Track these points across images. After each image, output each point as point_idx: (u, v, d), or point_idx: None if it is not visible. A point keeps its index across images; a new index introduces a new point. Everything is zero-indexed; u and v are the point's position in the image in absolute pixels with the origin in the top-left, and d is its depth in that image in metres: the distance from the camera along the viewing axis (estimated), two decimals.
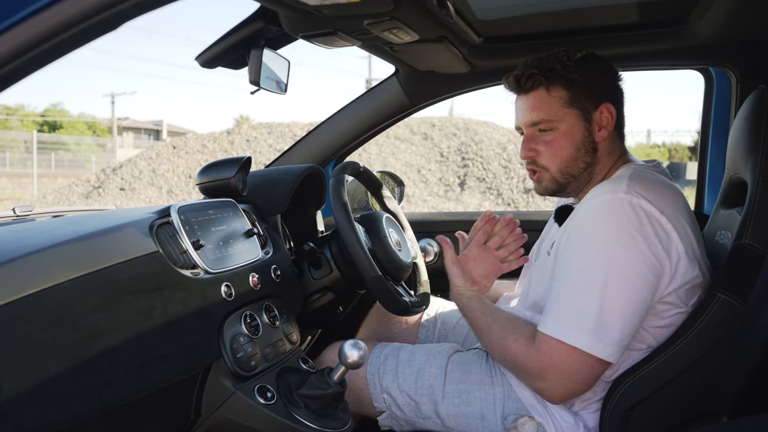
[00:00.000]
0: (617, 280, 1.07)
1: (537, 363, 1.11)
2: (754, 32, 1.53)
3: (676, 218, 1.11)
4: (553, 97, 1.19)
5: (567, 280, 1.11)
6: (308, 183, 1.59)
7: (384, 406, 1.34)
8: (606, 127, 1.21)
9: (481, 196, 10.99)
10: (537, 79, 1.19)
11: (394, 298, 1.40)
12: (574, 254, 1.12)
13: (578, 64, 1.20)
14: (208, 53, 1.38)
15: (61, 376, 0.83)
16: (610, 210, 1.09)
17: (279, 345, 1.23)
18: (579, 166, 1.22)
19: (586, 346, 1.06)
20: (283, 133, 12.50)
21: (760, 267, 1.11)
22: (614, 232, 1.08)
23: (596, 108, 1.20)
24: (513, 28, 1.61)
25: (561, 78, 1.19)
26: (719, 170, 1.68)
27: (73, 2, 0.63)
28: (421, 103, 1.90)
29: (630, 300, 1.07)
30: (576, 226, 1.14)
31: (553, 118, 1.19)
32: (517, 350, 1.15)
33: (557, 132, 1.20)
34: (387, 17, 1.21)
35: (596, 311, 1.06)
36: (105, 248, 0.95)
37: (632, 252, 1.07)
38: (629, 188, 1.10)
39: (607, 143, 1.23)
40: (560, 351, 1.08)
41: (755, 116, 1.20)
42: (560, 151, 1.20)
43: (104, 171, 12.77)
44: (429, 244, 1.98)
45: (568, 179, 1.23)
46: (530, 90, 1.21)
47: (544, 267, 1.26)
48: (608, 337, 1.06)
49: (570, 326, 1.08)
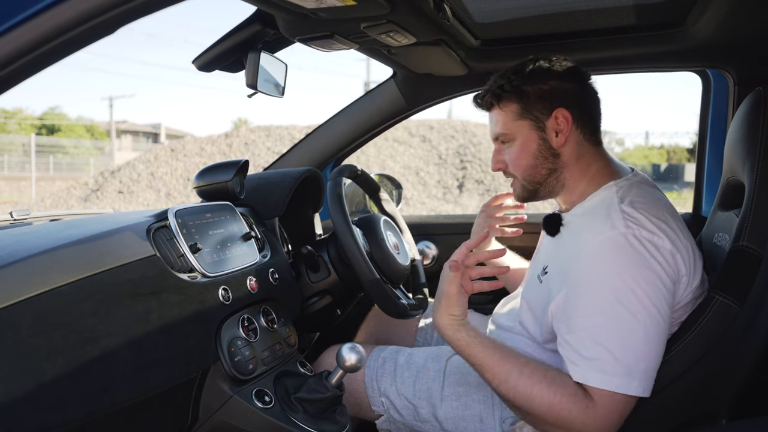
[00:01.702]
0: (649, 318, 1.05)
1: (600, 420, 1.05)
2: (750, 34, 1.53)
3: (675, 239, 1.11)
4: (505, 112, 1.24)
5: (603, 329, 1.06)
6: (306, 186, 1.59)
7: (382, 410, 1.34)
8: (563, 132, 1.21)
9: (479, 199, 11.00)
10: (489, 98, 1.26)
11: (392, 301, 1.40)
12: (592, 301, 1.08)
13: (529, 75, 1.23)
14: (205, 57, 1.38)
15: (58, 380, 0.82)
16: (615, 250, 1.07)
17: (277, 348, 1.23)
18: (541, 173, 1.24)
19: (642, 391, 1.05)
20: (281, 136, 12.51)
21: (757, 269, 1.11)
22: (628, 273, 1.06)
23: (550, 115, 1.21)
24: (510, 31, 1.61)
25: (510, 93, 1.23)
26: (717, 172, 1.68)
27: (70, 6, 0.63)
28: (419, 106, 1.90)
29: (658, 330, 1.07)
30: (585, 272, 1.10)
31: (508, 131, 1.25)
32: (572, 405, 1.06)
33: (515, 144, 1.25)
34: (383, 20, 1.21)
35: (639, 353, 1.05)
36: (102, 252, 0.95)
37: (649, 287, 1.06)
38: (626, 221, 1.09)
39: (572, 148, 1.22)
40: (619, 401, 1.05)
41: (752, 118, 1.20)
42: (520, 161, 1.25)
43: (102, 174, 12.77)
44: (427, 246, 1.98)
45: (535, 186, 1.26)
46: (489, 108, 1.28)
47: (536, 292, 1.25)
48: (651, 374, 1.06)
49: (621, 375, 1.04)
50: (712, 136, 1.82)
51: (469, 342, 1.14)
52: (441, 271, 1.36)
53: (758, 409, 1.26)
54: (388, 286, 1.45)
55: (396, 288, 1.55)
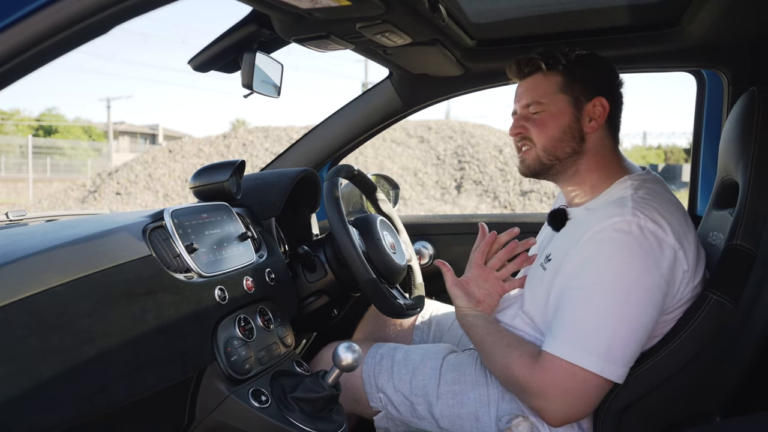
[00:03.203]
0: (628, 304, 1.08)
1: (541, 382, 1.10)
2: (745, 34, 1.54)
3: (680, 235, 1.13)
4: (548, 81, 1.24)
5: (577, 303, 1.11)
6: (303, 186, 1.59)
7: (380, 406, 1.34)
8: (597, 120, 1.24)
9: (477, 199, 11.00)
10: (536, 63, 1.25)
11: (389, 301, 1.40)
12: (583, 278, 1.12)
13: (579, 59, 1.25)
14: (201, 57, 1.38)
15: (54, 380, 0.83)
16: (618, 234, 1.10)
17: (273, 348, 1.23)
18: (565, 150, 1.24)
19: (600, 370, 1.07)
20: (279, 137, 12.50)
21: (751, 267, 1.12)
22: (625, 257, 1.09)
23: (590, 100, 1.24)
24: (506, 31, 1.61)
25: (560, 65, 1.24)
26: (712, 172, 1.69)
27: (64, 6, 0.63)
28: (415, 106, 1.90)
29: (640, 322, 1.08)
30: (585, 250, 1.13)
31: (545, 100, 1.24)
32: (520, 367, 1.14)
33: (546, 113, 1.24)
34: (379, 20, 1.21)
35: (608, 335, 1.07)
36: (98, 252, 0.95)
37: (643, 276, 1.08)
38: (635, 210, 1.11)
39: (597, 138, 1.25)
40: (567, 371, 1.08)
41: (746, 118, 1.21)
42: (547, 130, 1.24)
43: (100, 175, 12.75)
44: (424, 246, 1.98)
45: (552, 161, 1.25)
46: (529, 74, 1.27)
47: (538, 280, 1.26)
48: (620, 359, 1.08)
49: (581, 349, 1.07)
50: (707, 135, 1.83)
51: (470, 326, 1.29)
52: (437, 270, 1.37)
53: (752, 407, 1.26)
54: (385, 285, 1.45)
55: (392, 288, 1.55)
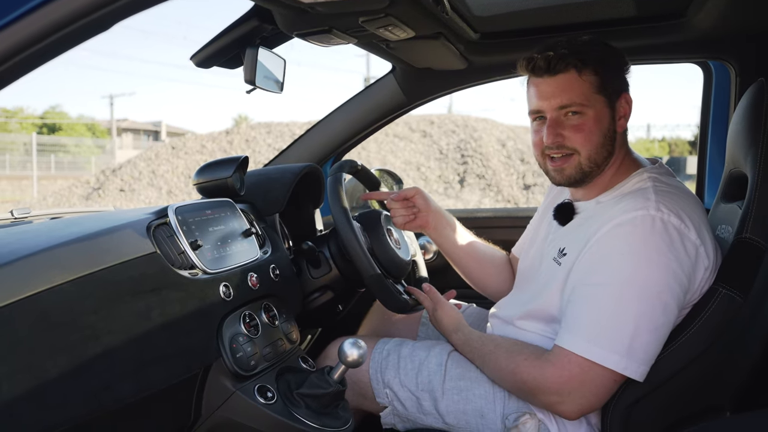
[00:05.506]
0: (650, 300, 1.06)
1: (556, 378, 1.08)
2: (752, 25, 1.53)
3: (701, 230, 1.12)
4: (584, 81, 1.16)
5: (597, 299, 1.09)
6: (306, 182, 1.58)
7: (387, 401, 1.34)
8: (625, 117, 1.21)
9: (480, 193, 10.99)
10: (570, 61, 1.15)
11: (394, 297, 1.40)
12: (604, 273, 1.10)
13: (607, 52, 1.20)
14: (203, 53, 1.38)
15: (60, 377, 0.82)
16: (642, 229, 1.08)
17: (279, 344, 1.22)
18: (603, 155, 1.19)
19: (623, 368, 1.05)
20: (282, 133, 12.50)
21: (761, 261, 1.11)
22: (647, 252, 1.07)
23: (618, 97, 1.20)
24: (509, 24, 1.60)
25: (592, 62, 1.16)
26: (719, 164, 1.68)
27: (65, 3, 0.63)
28: (419, 100, 1.89)
29: (661, 320, 1.07)
30: (605, 244, 1.11)
31: (584, 102, 1.15)
32: (528, 369, 1.12)
33: (586, 117, 1.16)
34: (382, 14, 1.20)
35: (630, 332, 1.05)
36: (102, 249, 0.95)
37: (665, 271, 1.06)
38: (658, 204, 1.09)
39: (622, 135, 1.23)
40: (584, 367, 1.07)
41: (754, 109, 1.20)
42: (592, 136, 1.16)
43: (104, 172, 12.78)
44: (428, 241, 1.97)
45: (593, 168, 1.19)
46: (560, 71, 1.16)
47: (552, 275, 1.24)
48: (642, 357, 1.06)
49: (602, 346, 1.06)
50: (714, 127, 1.81)
51: (465, 340, 1.29)
52: (442, 265, 1.37)
53: (762, 401, 1.25)
54: (389, 281, 1.45)
55: (397, 283, 1.54)
